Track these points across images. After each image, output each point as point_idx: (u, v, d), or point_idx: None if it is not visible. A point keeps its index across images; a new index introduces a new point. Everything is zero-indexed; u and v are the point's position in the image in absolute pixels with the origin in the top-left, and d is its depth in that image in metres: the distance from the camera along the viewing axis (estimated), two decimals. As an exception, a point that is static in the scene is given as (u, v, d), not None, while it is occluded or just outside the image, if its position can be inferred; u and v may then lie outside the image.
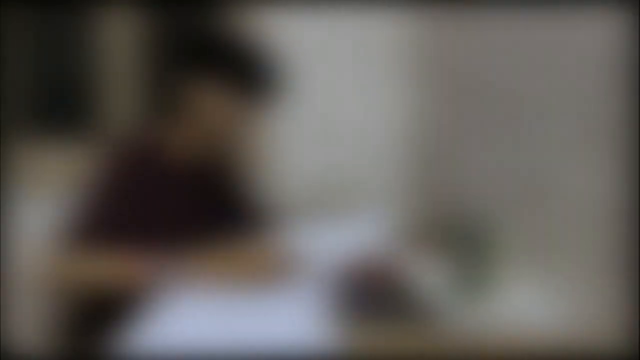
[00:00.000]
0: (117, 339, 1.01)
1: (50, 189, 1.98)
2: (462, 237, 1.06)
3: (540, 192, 1.10)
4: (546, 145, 1.07)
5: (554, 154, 1.04)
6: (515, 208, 1.21)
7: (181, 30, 2.02)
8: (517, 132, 1.19)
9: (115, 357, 0.85)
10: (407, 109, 2.09)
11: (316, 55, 2.03)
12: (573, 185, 0.98)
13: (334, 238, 1.46)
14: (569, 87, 0.99)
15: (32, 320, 1.81)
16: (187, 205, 1.30)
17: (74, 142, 2.09)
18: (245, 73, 1.27)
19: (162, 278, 1.10)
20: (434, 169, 1.84)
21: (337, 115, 2.07)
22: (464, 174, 1.53)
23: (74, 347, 1.25)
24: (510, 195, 1.23)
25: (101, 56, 2.04)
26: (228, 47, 1.27)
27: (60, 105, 2.07)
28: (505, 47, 1.26)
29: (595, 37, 0.92)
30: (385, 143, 2.09)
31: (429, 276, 1.17)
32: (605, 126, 0.89)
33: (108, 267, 1.13)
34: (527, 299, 1.05)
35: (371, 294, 1.08)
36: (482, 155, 1.39)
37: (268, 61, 1.30)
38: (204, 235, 1.31)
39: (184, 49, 1.29)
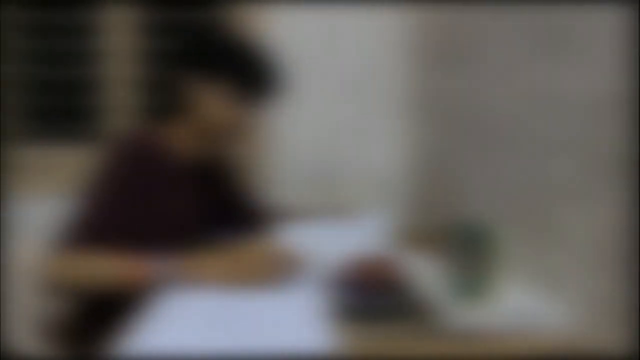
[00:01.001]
0: (117, 339, 1.01)
1: (51, 189, 1.99)
2: (462, 238, 1.07)
3: (541, 194, 1.10)
4: (547, 150, 1.07)
5: (554, 159, 1.04)
6: (514, 209, 1.21)
7: (183, 31, 2.02)
8: (518, 138, 1.19)
9: (116, 357, 0.84)
10: (409, 112, 2.09)
11: (318, 56, 2.04)
12: (573, 188, 0.98)
13: (334, 239, 1.46)
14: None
15: (32, 321, 1.81)
16: (189, 204, 1.30)
17: (75, 142, 2.09)
18: (247, 73, 1.27)
19: (164, 277, 1.10)
20: (435, 171, 1.84)
21: (338, 116, 2.07)
22: (464, 176, 1.54)
23: (75, 347, 1.25)
24: (510, 196, 1.23)
25: (103, 56, 2.05)
26: (230, 47, 1.28)
27: (62, 105, 2.07)
28: (511, 47, 1.26)
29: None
30: (387, 145, 2.10)
31: (428, 277, 1.17)
32: (607, 139, 0.89)
33: (109, 267, 1.13)
34: (526, 301, 1.05)
35: (371, 295, 1.08)
36: (483, 160, 1.39)
37: (270, 61, 1.30)
38: (205, 234, 1.31)
39: (186, 49, 1.29)
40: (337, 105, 2.06)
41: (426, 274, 1.19)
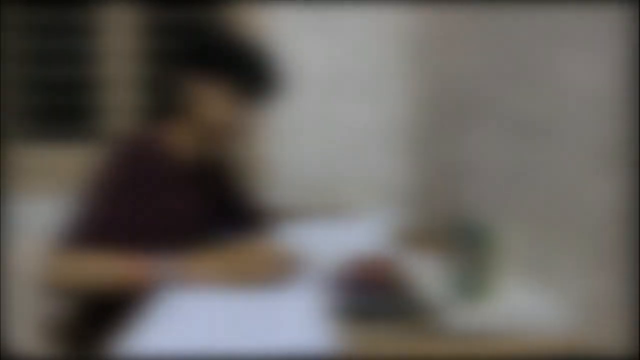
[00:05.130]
0: (118, 339, 1.01)
1: (51, 189, 1.99)
2: (462, 238, 1.07)
3: (542, 194, 1.10)
4: (549, 148, 1.07)
5: (556, 157, 1.04)
6: (515, 209, 1.21)
7: (183, 31, 2.02)
8: (520, 134, 1.19)
9: (116, 357, 0.84)
10: (409, 110, 2.09)
11: (318, 57, 2.04)
12: (574, 188, 0.98)
13: (334, 239, 1.46)
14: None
15: (32, 321, 1.81)
16: (189, 204, 1.30)
17: (75, 142, 2.09)
18: (247, 73, 1.27)
19: (164, 277, 1.10)
20: (435, 171, 1.84)
21: (338, 116, 2.07)
22: (465, 176, 1.54)
23: (75, 347, 1.25)
24: (511, 196, 1.23)
25: (103, 56, 2.05)
26: (230, 47, 1.28)
27: (62, 105, 2.07)
28: (511, 45, 1.26)
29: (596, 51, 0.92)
30: (387, 144, 2.10)
31: (428, 277, 1.17)
32: (609, 131, 0.89)
33: (110, 267, 1.13)
34: (526, 301, 1.05)
35: (371, 295, 1.08)
36: (483, 160, 1.39)
37: (269, 62, 1.30)
38: (205, 234, 1.31)
39: (186, 49, 1.30)
40: (337, 106, 2.06)
41: (426, 274, 1.19)
